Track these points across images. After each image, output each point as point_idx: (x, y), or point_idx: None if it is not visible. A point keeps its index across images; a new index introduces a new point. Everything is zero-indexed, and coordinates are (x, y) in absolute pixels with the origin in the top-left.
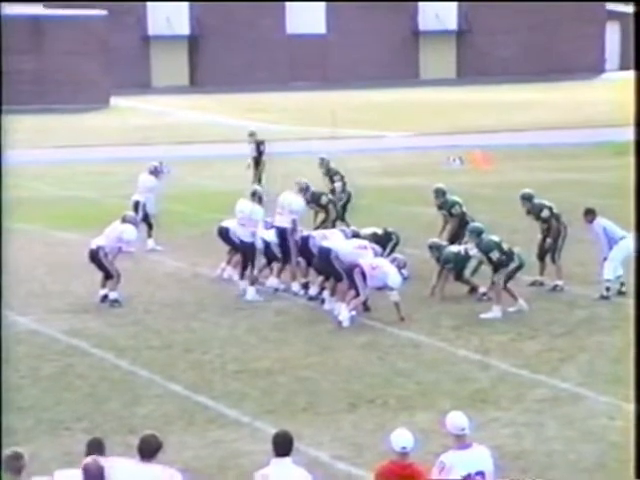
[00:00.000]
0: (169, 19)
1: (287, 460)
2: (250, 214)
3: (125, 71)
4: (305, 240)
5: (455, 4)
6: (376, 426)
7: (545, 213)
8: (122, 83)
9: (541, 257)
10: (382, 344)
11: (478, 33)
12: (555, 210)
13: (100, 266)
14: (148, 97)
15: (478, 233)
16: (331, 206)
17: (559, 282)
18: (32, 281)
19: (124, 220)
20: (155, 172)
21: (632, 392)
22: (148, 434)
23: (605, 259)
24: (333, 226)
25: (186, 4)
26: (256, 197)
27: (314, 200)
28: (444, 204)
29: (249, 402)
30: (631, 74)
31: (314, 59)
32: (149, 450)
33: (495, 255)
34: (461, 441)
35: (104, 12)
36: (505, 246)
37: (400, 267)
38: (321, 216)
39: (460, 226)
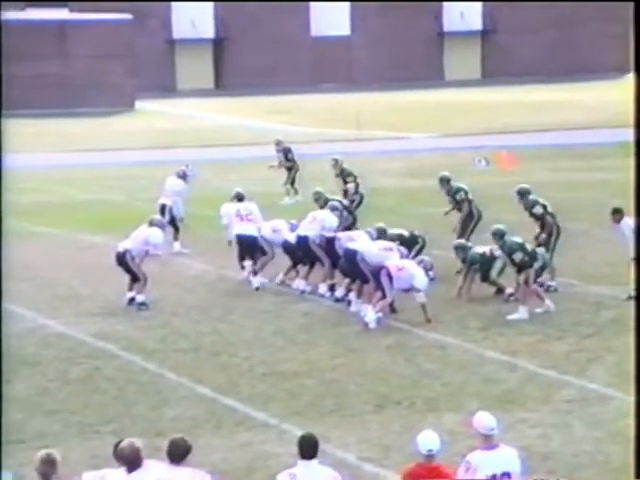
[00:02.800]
0: (194, 22)
1: (314, 462)
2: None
3: (150, 74)
4: (331, 242)
5: (480, 4)
6: (403, 428)
7: (537, 210)
8: (147, 87)
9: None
10: (409, 346)
11: (503, 33)
12: (550, 209)
13: (127, 269)
14: (173, 100)
15: (501, 235)
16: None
17: (552, 283)
18: (60, 285)
19: (151, 224)
20: (183, 176)
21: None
22: (177, 437)
23: (633, 259)
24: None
25: (211, 7)
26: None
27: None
28: (449, 191)
29: (276, 404)
30: None
31: (338, 61)
32: (179, 453)
33: (518, 256)
34: (488, 441)
35: (129, 16)
36: (529, 247)
37: (427, 269)
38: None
39: (469, 216)
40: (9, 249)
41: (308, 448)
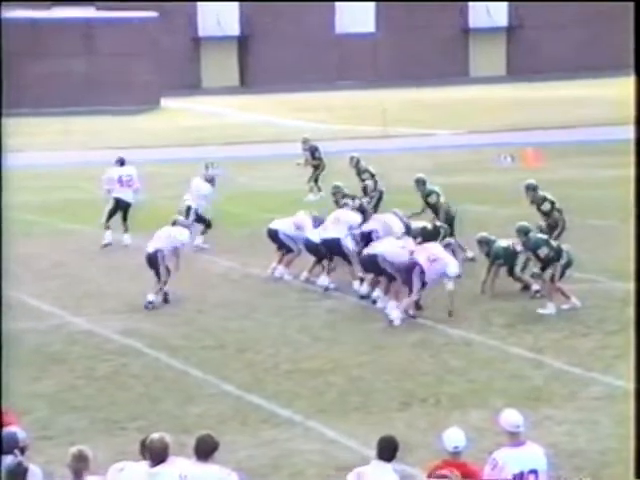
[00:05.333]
0: (219, 20)
1: (388, 466)
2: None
3: (176, 72)
4: (365, 236)
5: (505, 3)
6: (429, 425)
7: (546, 206)
8: (172, 84)
9: None
10: (434, 342)
11: (529, 29)
12: (557, 205)
13: (157, 269)
14: (198, 98)
15: (525, 232)
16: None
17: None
18: (87, 282)
19: (174, 224)
20: (211, 180)
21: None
22: (204, 434)
23: None
24: None
25: (236, 5)
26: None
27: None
28: (423, 193)
29: (302, 401)
30: None
31: (363, 58)
32: (206, 450)
33: (544, 252)
34: (515, 439)
35: (155, 14)
36: (554, 243)
37: (454, 251)
38: None
39: (446, 219)
40: (40, 246)
41: (387, 450)
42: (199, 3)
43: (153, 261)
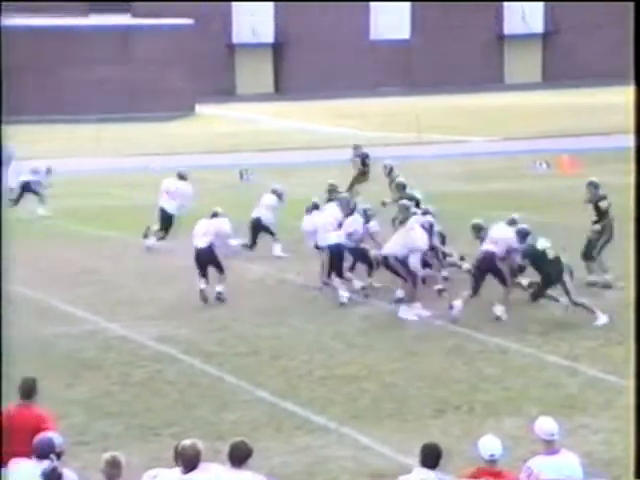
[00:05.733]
0: (254, 27)
1: (432, 474)
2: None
3: (210, 79)
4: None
5: (541, 5)
6: (463, 432)
7: (604, 204)
8: (207, 91)
9: (588, 255)
10: (468, 350)
11: (564, 34)
12: (611, 211)
13: (214, 262)
14: (233, 105)
15: (524, 235)
16: None
17: (597, 279)
18: (122, 288)
19: (214, 216)
20: (279, 195)
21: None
22: (239, 440)
23: None
24: None
25: (271, 11)
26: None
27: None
28: (401, 199)
29: (336, 408)
30: None
31: (398, 64)
32: (240, 456)
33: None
34: (550, 447)
35: (190, 21)
36: (551, 253)
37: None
38: None
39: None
40: (74, 252)
41: (431, 457)
42: (234, 10)
43: (208, 255)
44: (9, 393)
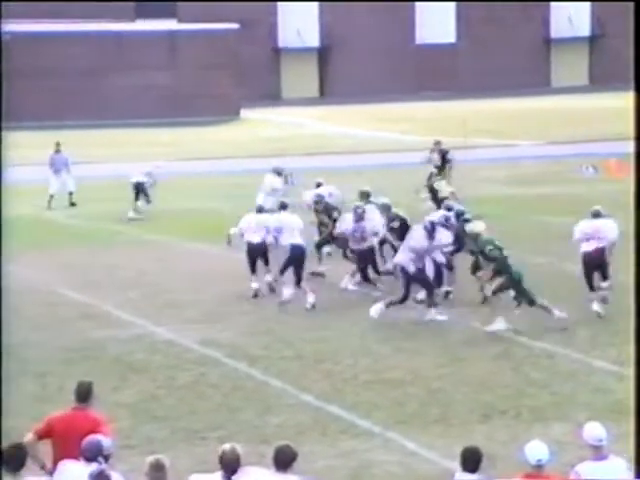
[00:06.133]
0: (299, 31)
1: (473, 477)
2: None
3: (256, 83)
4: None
5: (588, 8)
6: (509, 438)
7: None
8: (252, 95)
9: None
10: (515, 355)
11: (612, 38)
12: None
13: (265, 256)
14: (278, 109)
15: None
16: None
17: None
18: (167, 292)
19: (259, 211)
20: (280, 174)
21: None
22: (283, 444)
23: None
24: None
25: (316, 16)
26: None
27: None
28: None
29: (381, 412)
30: None
31: (444, 68)
32: (285, 460)
33: (491, 252)
34: (598, 452)
35: (236, 25)
36: (496, 253)
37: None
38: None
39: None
40: (122, 256)
41: (471, 461)
42: (280, 14)
43: (261, 250)
44: (63, 397)
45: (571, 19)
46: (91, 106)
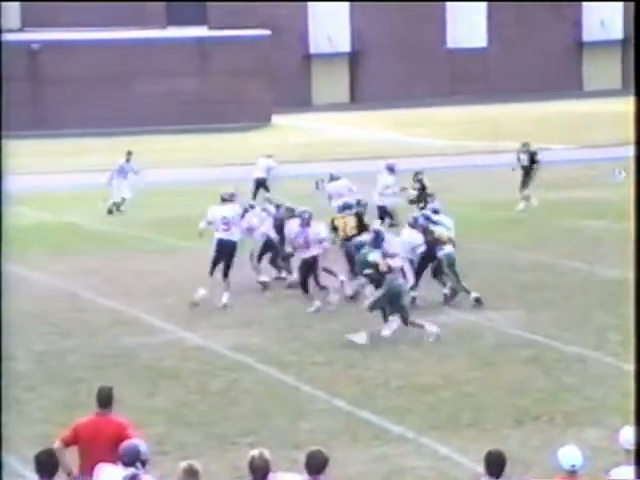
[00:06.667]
0: (330, 36)
1: None
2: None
3: (286, 89)
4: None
5: (621, 11)
6: (543, 443)
7: None
8: (283, 101)
9: None
10: (547, 359)
11: None
12: None
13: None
14: (309, 115)
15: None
16: None
17: None
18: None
19: (300, 217)
20: (393, 170)
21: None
22: (315, 449)
23: None
24: None
25: (347, 21)
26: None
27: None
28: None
29: (413, 417)
30: None
31: (475, 72)
32: (316, 466)
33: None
34: (633, 457)
35: (267, 31)
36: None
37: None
38: None
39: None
40: (154, 262)
41: (495, 465)
42: (310, 20)
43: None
44: (94, 403)
45: (603, 22)
46: (120, 113)
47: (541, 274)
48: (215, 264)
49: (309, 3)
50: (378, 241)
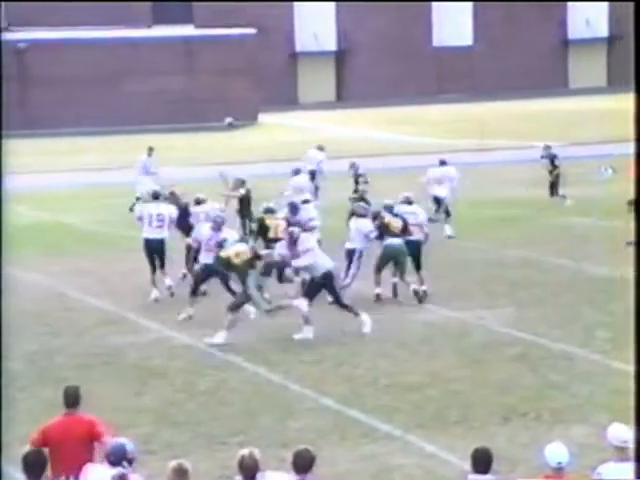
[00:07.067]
0: (316, 35)
1: (486, 477)
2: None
3: (273, 88)
4: None
5: (606, 10)
6: (530, 440)
7: None
8: (270, 100)
9: None
10: (533, 356)
11: (630, 38)
12: None
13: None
14: (295, 113)
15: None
16: None
17: None
18: (183, 298)
19: (359, 215)
20: (444, 163)
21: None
22: (301, 449)
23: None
24: None
25: (332, 20)
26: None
27: None
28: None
29: (401, 416)
30: None
31: (462, 71)
32: (303, 465)
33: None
34: (621, 454)
35: (253, 30)
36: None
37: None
38: None
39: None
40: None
41: (482, 462)
42: (296, 19)
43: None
44: (82, 403)
45: (589, 20)
46: (107, 113)
47: (529, 271)
48: (153, 263)
49: (295, 2)
50: (291, 243)
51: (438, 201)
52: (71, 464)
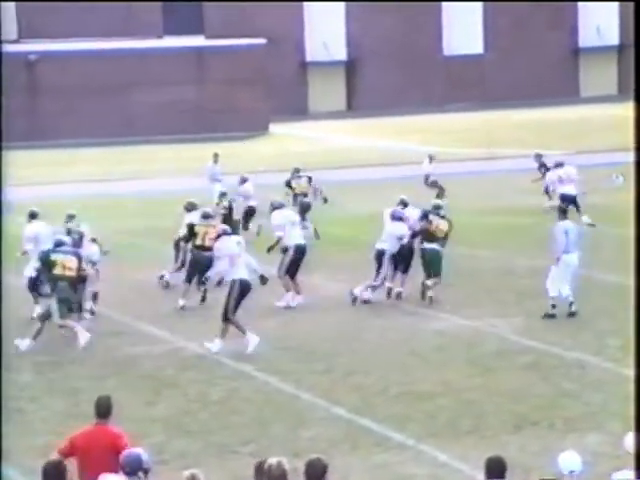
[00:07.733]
0: (326, 44)
1: None
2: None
3: (283, 98)
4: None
5: (617, 18)
6: (542, 448)
7: None
8: (280, 110)
9: None
10: (546, 365)
11: None
12: None
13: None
14: (305, 123)
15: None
16: None
17: None
18: (199, 307)
19: (395, 218)
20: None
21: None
22: (313, 458)
23: None
24: None
25: (343, 29)
26: None
27: None
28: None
29: (413, 425)
30: None
31: (472, 79)
32: (315, 475)
33: None
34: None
35: (263, 40)
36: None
37: None
38: None
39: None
40: (151, 272)
41: (495, 470)
42: (306, 28)
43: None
44: (90, 413)
45: (599, 28)
46: (118, 123)
47: (539, 280)
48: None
49: (305, 12)
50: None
51: (567, 198)
52: (95, 474)
